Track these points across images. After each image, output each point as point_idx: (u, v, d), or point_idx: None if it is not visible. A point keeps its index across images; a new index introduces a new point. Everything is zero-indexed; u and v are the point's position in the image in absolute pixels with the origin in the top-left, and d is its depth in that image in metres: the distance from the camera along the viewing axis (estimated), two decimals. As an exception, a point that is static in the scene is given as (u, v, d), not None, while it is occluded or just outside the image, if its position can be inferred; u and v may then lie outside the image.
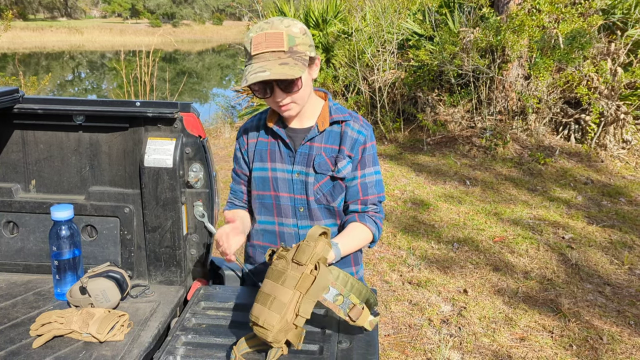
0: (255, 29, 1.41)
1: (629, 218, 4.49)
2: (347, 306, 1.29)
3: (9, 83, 8.01)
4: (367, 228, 1.55)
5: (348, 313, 1.29)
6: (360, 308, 1.30)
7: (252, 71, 1.37)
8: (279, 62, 1.37)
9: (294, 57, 1.39)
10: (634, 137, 6.09)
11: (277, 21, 1.40)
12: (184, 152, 1.70)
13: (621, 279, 3.49)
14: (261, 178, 1.59)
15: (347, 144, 1.54)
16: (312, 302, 1.23)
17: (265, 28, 1.39)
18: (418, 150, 6.62)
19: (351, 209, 1.59)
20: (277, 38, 1.38)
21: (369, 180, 1.58)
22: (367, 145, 1.56)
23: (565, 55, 5.87)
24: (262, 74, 1.35)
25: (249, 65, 1.40)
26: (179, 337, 1.35)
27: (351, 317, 1.29)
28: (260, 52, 1.38)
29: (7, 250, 1.79)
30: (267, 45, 1.37)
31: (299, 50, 1.41)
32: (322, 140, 1.56)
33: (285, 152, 1.56)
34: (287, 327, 1.22)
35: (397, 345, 2.79)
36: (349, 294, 1.30)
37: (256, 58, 1.39)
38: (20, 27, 38.74)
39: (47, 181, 1.79)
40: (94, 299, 1.50)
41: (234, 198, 1.69)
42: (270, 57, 1.37)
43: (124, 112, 1.67)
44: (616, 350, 2.75)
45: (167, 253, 1.73)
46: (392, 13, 7.50)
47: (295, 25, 1.42)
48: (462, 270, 3.60)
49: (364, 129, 1.57)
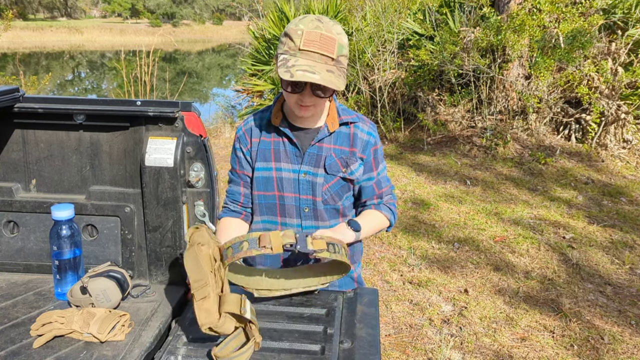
0: (307, 22, 1.37)
1: (629, 218, 4.48)
2: (255, 242, 1.29)
3: (9, 82, 8.01)
4: (383, 215, 1.62)
5: (260, 246, 1.28)
6: (266, 234, 1.29)
7: (299, 67, 1.33)
8: (326, 67, 1.35)
9: (338, 67, 1.38)
10: (635, 137, 6.08)
11: (330, 24, 1.38)
12: (185, 152, 1.70)
13: (622, 278, 3.48)
14: (264, 178, 1.58)
15: (359, 146, 1.55)
16: (195, 268, 1.28)
17: (320, 27, 1.36)
18: (418, 150, 6.61)
19: (368, 203, 1.65)
20: (331, 43, 1.35)
21: (382, 177, 1.64)
22: (377, 147, 1.61)
23: (565, 54, 5.87)
24: (313, 75, 1.32)
25: (293, 58, 1.36)
26: (180, 337, 1.35)
27: (265, 247, 1.28)
28: (311, 51, 1.35)
29: (7, 250, 1.79)
30: (320, 46, 1.35)
31: (343, 62, 1.40)
32: (332, 141, 1.55)
33: (291, 152, 1.55)
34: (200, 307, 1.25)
35: (398, 345, 2.79)
36: (249, 235, 1.32)
37: (304, 54, 1.35)
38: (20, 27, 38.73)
39: (47, 180, 1.78)
40: (94, 298, 1.49)
41: (230, 202, 1.67)
42: (318, 60, 1.35)
43: (125, 111, 1.66)
44: (617, 350, 2.75)
45: (168, 253, 1.73)
46: (393, 13, 7.50)
47: (344, 35, 1.41)
48: (463, 270, 3.60)
49: (372, 130, 1.60)
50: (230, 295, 1.27)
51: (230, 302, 1.25)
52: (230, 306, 1.24)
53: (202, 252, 1.29)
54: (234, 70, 20.84)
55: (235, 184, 1.66)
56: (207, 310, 1.24)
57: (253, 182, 1.61)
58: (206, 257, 1.30)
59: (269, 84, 8.40)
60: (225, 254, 1.31)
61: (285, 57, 1.37)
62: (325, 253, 1.32)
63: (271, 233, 1.31)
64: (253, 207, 1.65)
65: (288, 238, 1.31)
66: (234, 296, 1.27)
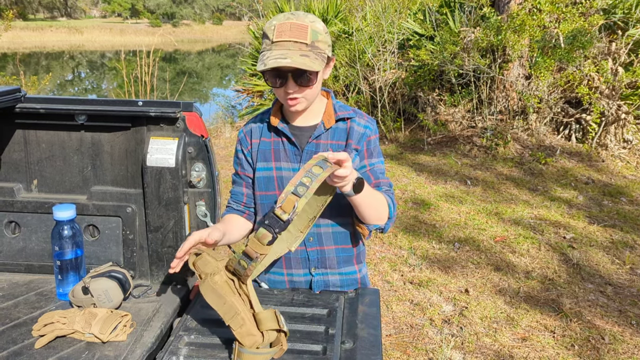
0: (279, 17, 1.41)
1: (630, 218, 4.48)
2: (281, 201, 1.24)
3: (10, 83, 8.01)
4: (384, 197, 1.52)
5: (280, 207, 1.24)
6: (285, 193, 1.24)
7: (271, 57, 1.37)
8: (300, 52, 1.38)
9: (314, 52, 1.40)
10: (635, 137, 6.09)
11: (302, 15, 1.42)
12: (187, 152, 1.70)
13: (622, 278, 3.49)
14: (265, 178, 1.58)
15: (354, 137, 1.55)
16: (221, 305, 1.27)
17: (290, 18, 1.40)
18: (419, 150, 6.61)
19: None
20: (302, 30, 1.38)
21: (377, 168, 1.60)
22: (372, 138, 1.58)
23: (566, 54, 5.87)
24: (283, 60, 1.35)
25: (267, 51, 1.40)
26: (182, 337, 1.35)
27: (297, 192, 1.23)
28: (283, 40, 1.38)
29: (9, 250, 1.79)
30: (291, 34, 1.38)
31: (320, 47, 1.42)
32: (329, 137, 1.56)
33: (290, 151, 1.56)
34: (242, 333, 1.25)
35: (399, 345, 2.79)
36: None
37: (277, 45, 1.39)
38: (20, 27, 38.74)
39: (49, 181, 1.78)
40: (96, 299, 1.49)
41: (233, 202, 1.67)
42: (291, 47, 1.38)
43: (126, 111, 1.66)
44: (618, 350, 2.75)
45: (170, 253, 1.73)
46: (393, 13, 7.50)
47: (319, 22, 1.44)
48: (464, 270, 3.60)
49: (370, 124, 1.59)
50: (264, 313, 1.26)
51: (266, 319, 1.25)
52: (268, 324, 1.25)
53: (218, 284, 1.28)
54: (234, 70, 20.84)
55: (238, 185, 1.66)
56: (249, 333, 1.24)
57: (255, 183, 1.61)
58: (224, 286, 1.29)
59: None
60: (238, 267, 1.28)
61: (263, 53, 1.42)
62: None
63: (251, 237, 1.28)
64: (256, 207, 1.65)
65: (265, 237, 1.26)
66: (268, 313, 1.26)
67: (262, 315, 1.26)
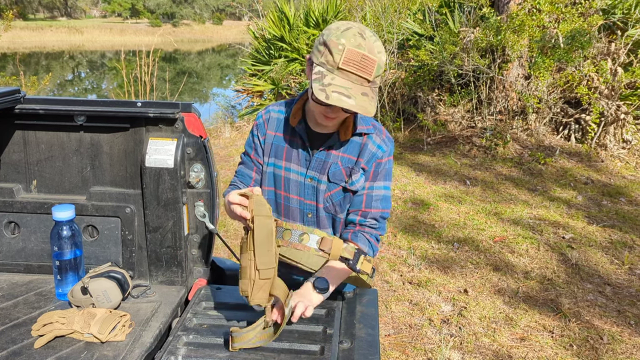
0: (350, 37, 1.32)
1: (629, 218, 4.49)
2: (315, 241, 1.30)
3: (10, 83, 8.02)
4: (349, 268, 1.48)
5: (319, 247, 1.29)
6: (329, 239, 1.31)
7: (335, 87, 1.30)
8: (361, 89, 1.32)
9: (372, 89, 1.35)
10: (634, 137, 6.09)
11: (372, 41, 1.33)
12: (185, 153, 1.70)
13: (621, 278, 3.49)
14: (274, 175, 1.56)
15: (365, 156, 1.51)
16: (265, 252, 1.26)
17: (362, 46, 1.31)
18: (418, 150, 6.62)
19: (350, 218, 1.56)
20: (370, 66, 1.32)
21: (376, 194, 1.54)
22: (382, 160, 1.53)
23: (565, 55, 5.87)
24: (348, 100, 1.29)
25: (330, 75, 1.32)
26: (181, 337, 1.35)
27: (324, 250, 1.29)
28: (349, 71, 1.31)
29: (8, 251, 1.80)
30: (359, 68, 1.31)
31: (377, 82, 1.37)
32: (341, 150, 1.52)
33: (302, 155, 1.53)
34: (260, 286, 1.26)
35: (398, 345, 2.80)
36: (313, 230, 1.33)
37: (342, 73, 1.32)
38: (20, 27, 38.72)
39: (48, 181, 1.79)
40: (95, 299, 1.50)
41: (239, 182, 1.60)
42: (355, 80, 1.32)
43: (125, 112, 1.67)
44: (616, 350, 2.75)
45: (168, 253, 1.74)
46: (392, 13, 7.51)
47: (384, 54, 1.37)
48: (463, 270, 3.60)
49: (385, 145, 1.53)
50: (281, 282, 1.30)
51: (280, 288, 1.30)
52: (279, 291, 1.29)
53: (272, 231, 1.28)
54: (234, 70, 20.83)
55: (247, 167, 1.61)
56: (264, 290, 1.28)
57: (264, 176, 1.58)
58: (274, 234, 1.29)
59: (269, 84, 8.40)
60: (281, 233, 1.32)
61: (322, 72, 1.34)
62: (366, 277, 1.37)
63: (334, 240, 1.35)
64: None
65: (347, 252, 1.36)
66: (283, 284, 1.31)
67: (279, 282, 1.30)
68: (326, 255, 1.30)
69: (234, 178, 1.63)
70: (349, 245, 1.35)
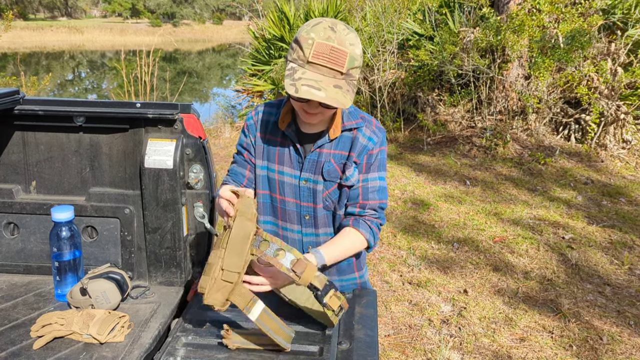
0: (319, 31, 1.32)
1: (629, 218, 4.49)
2: (290, 261, 1.29)
3: (10, 83, 8.02)
4: (360, 234, 1.52)
5: (292, 268, 1.28)
6: (304, 262, 1.29)
7: (305, 81, 1.31)
8: (333, 82, 1.32)
9: (347, 81, 1.34)
10: (634, 137, 6.09)
11: (343, 34, 1.33)
12: (184, 153, 1.70)
13: (621, 279, 3.49)
14: (268, 178, 1.56)
15: (357, 150, 1.51)
16: (235, 254, 1.25)
17: (331, 39, 1.31)
18: (418, 150, 6.62)
19: (349, 210, 1.56)
20: (341, 57, 1.31)
21: (371, 185, 1.54)
22: (374, 151, 1.53)
23: (565, 55, 5.87)
24: (317, 92, 1.29)
25: (300, 69, 1.33)
26: (180, 338, 1.36)
27: (296, 272, 1.28)
28: (320, 64, 1.31)
29: (7, 252, 1.80)
30: (329, 60, 1.31)
31: (353, 74, 1.36)
32: (332, 147, 1.51)
33: (294, 157, 1.53)
34: (220, 286, 1.25)
35: (397, 346, 2.80)
36: (291, 249, 1.31)
37: (312, 66, 1.32)
38: (20, 27, 38.72)
39: (47, 182, 1.79)
40: (94, 300, 1.50)
41: (232, 180, 1.59)
42: (326, 73, 1.32)
43: (125, 113, 1.67)
44: (616, 351, 2.75)
45: (168, 254, 1.74)
46: (393, 13, 7.50)
47: (358, 46, 1.35)
48: (462, 271, 3.60)
49: (375, 136, 1.53)
50: (242, 289, 1.28)
51: (241, 296, 1.27)
52: (238, 299, 1.27)
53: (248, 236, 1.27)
54: (234, 70, 20.83)
55: (240, 166, 1.60)
56: (223, 293, 1.26)
57: (258, 179, 1.58)
58: (251, 239, 1.28)
59: (269, 84, 8.40)
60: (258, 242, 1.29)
61: (294, 67, 1.34)
62: (331, 313, 1.32)
63: (308, 265, 1.30)
64: (257, 206, 1.63)
65: (319, 280, 1.30)
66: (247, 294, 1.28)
67: (239, 289, 1.28)
68: (297, 277, 1.27)
69: (225, 177, 1.62)
70: (321, 275, 1.31)
